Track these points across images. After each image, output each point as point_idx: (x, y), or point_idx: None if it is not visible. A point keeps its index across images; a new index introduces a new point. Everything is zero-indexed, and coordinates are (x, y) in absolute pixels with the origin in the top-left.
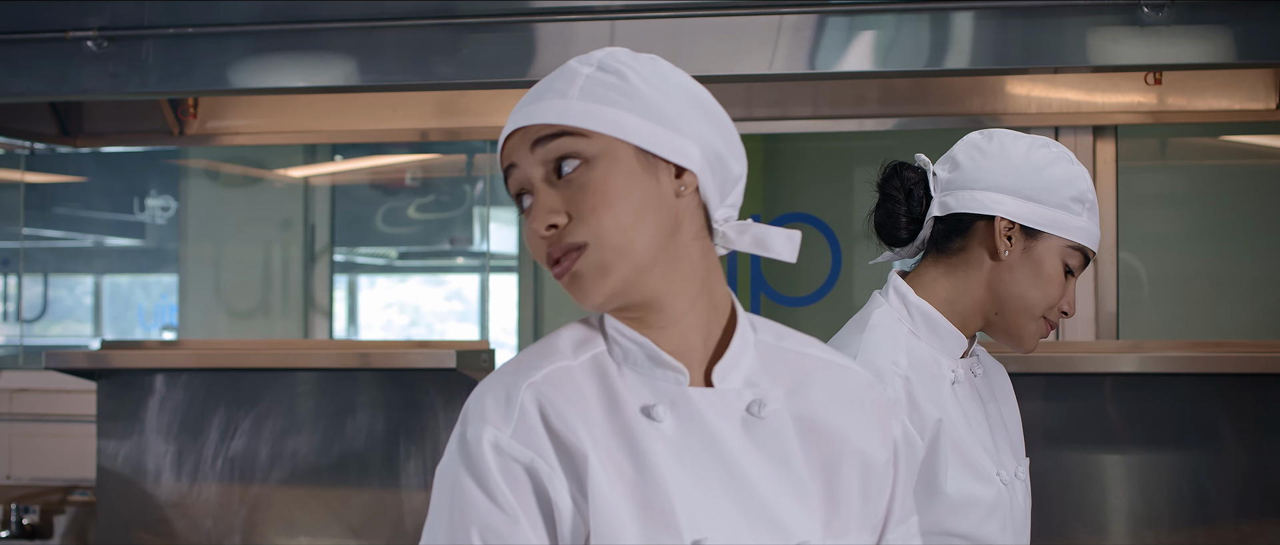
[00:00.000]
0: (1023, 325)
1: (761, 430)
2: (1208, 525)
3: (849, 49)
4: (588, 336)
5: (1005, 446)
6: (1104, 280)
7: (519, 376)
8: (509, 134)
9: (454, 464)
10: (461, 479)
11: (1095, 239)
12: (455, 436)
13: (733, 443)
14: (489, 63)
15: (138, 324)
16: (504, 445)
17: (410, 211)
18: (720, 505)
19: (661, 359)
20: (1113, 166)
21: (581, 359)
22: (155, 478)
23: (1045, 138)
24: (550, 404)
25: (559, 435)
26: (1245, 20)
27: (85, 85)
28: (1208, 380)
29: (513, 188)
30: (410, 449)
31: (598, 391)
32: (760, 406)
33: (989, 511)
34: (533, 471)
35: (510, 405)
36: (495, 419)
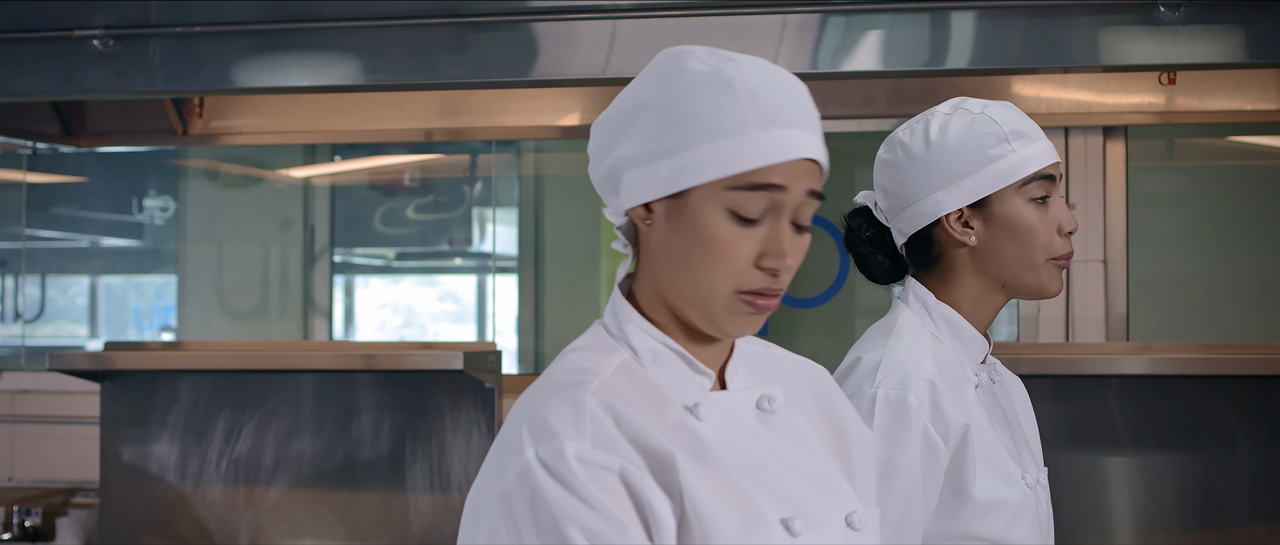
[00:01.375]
0: (1035, 282)
1: (776, 423)
2: (1220, 528)
3: (856, 48)
4: (606, 344)
5: (1026, 453)
6: (1114, 281)
7: (577, 388)
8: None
9: (527, 486)
10: (546, 495)
11: (1041, 157)
12: (514, 463)
13: (762, 434)
14: (495, 62)
15: (133, 325)
16: (588, 456)
17: (408, 212)
18: (784, 487)
19: (695, 365)
20: (1123, 167)
21: (612, 368)
22: (159, 479)
23: (933, 110)
24: (616, 410)
25: (638, 439)
26: (1262, 20)
27: (91, 84)
28: (1218, 382)
29: (758, 206)
30: (416, 451)
31: (640, 396)
32: (770, 402)
33: (1016, 515)
34: (625, 477)
35: (580, 415)
36: (568, 432)
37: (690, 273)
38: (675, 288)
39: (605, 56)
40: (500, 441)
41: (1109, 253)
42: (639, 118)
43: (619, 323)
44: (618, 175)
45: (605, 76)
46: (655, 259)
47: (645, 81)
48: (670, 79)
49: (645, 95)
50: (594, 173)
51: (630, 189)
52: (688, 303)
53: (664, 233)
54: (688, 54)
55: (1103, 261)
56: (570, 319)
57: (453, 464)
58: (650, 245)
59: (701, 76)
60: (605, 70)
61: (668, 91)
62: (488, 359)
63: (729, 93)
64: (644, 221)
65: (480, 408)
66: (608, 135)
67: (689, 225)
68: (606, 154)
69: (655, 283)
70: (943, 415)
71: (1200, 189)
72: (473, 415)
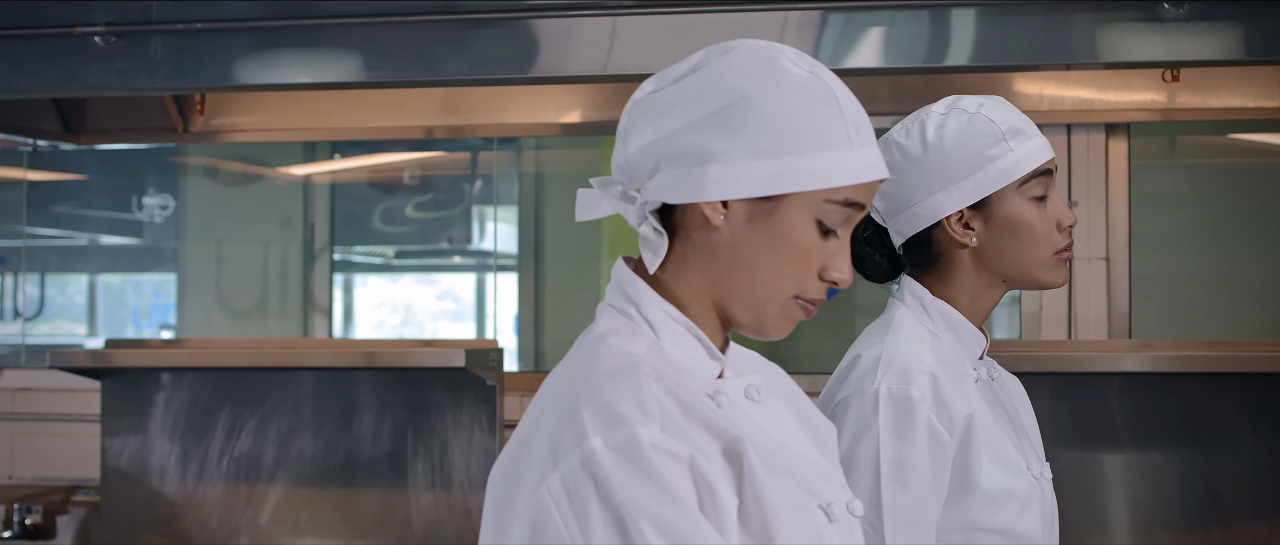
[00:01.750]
0: (1038, 276)
1: (765, 412)
2: (1222, 525)
3: (857, 45)
4: (627, 325)
5: (1028, 447)
6: (1116, 279)
7: (634, 371)
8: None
9: (591, 476)
10: (615, 486)
11: (1038, 154)
12: (574, 451)
13: (761, 422)
14: (495, 59)
15: (132, 323)
16: (660, 443)
17: (408, 210)
18: (803, 474)
19: (713, 350)
20: (1125, 165)
21: (643, 349)
22: (160, 477)
23: (928, 109)
24: (679, 394)
25: (709, 423)
26: (1266, 16)
27: (93, 81)
28: (1221, 379)
29: (840, 220)
30: (418, 449)
31: (673, 380)
32: (757, 391)
33: (1024, 504)
34: (694, 466)
35: (646, 400)
36: (637, 417)
37: (760, 273)
38: (732, 285)
39: (606, 53)
40: (547, 424)
41: (1111, 251)
42: (734, 112)
43: (634, 303)
44: (695, 163)
45: (606, 73)
46: (715, 254)
47: (735, 74)
48: (769, 78)
49: (740, 89)
50: (631, 151)
51: (717, 183)
52: (743, 302)
53: (741, 231)
54: (779, 53)
55: (1105, 259)
56: (570, 317)
57: (454, 462)
58: (709, 240)
59: (802, 82)
60: (606, 67)
61: (768, 91)
62: (490, 356)
63: (834, 104)
64: (716, 215)
65: (482, 405)
66: (671, 120)
67: (775, 229)
68: (667, 137)
69: (702, 276)
70: (946, 407)
71: (1203, 187)
72: (474, 413)
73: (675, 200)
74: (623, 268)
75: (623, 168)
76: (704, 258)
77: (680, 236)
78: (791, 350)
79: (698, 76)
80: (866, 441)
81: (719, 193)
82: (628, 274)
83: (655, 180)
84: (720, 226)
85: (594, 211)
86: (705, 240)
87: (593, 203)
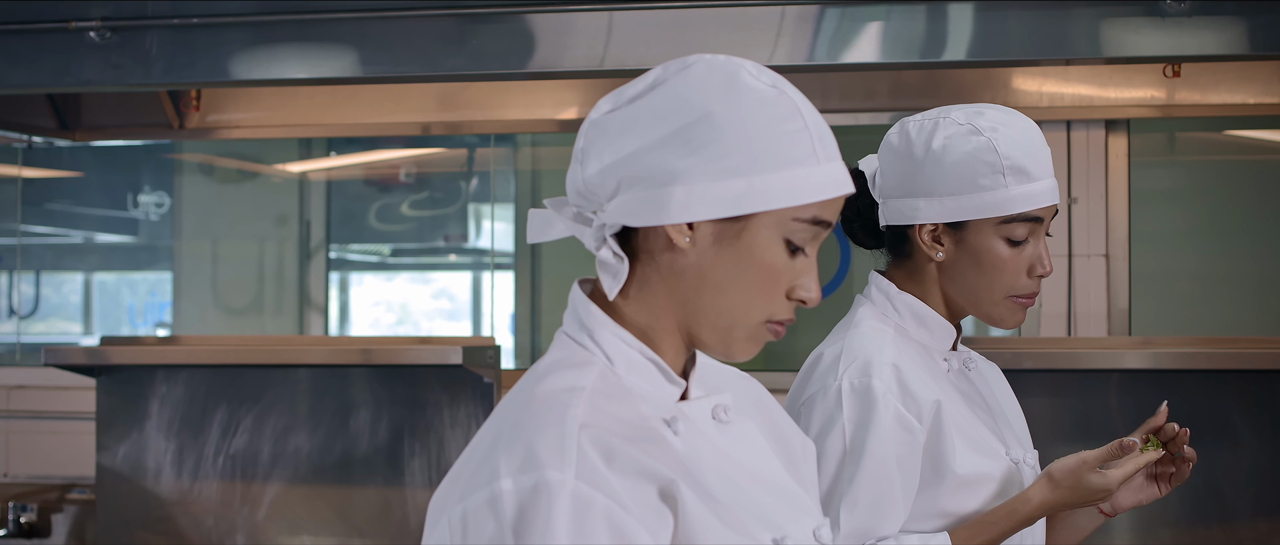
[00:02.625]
0: (989, 314)
1: (733, 433)
2: (1223, 523)
3: (855, 40)
4: (578, 355)
5: (1009, 434)
6: (1116, 276)
7: (563, 411)
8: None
9: (491, 519)
10: (510, 533)
11: (1032, 199)
12: (482, 490)
13: (724, 446)
14: (492, 54)
15: (128, 322)
16: (574, 490)
17: (404, 208)
18: (760, 504)
19: (671, 376)
20: (1125, 161)
21: (591, 380)
22: (156, 476)
23: (947, 109)
24: (606, 442)
25: (638, 467)
26: (1268, 11)
27: (88, 77)
28: (1221, 376)
29: (807, 237)
30: (414, 446)
31: (623, 412)
32: (725, 411)
33: (1003, 489)
34: (609, 517)
35: (566, 444)
36: (552, 461)
37: (728, 296)
38: (699, 308)
39: (602, 48)
40: (472, 456)
41: (1111, 247)
42: (696, 131)
43: (588, 330)
44: (658, 185)
45: (602, 68)
46: (680, 277)
47: (696, 91)
48: (731, 95)
49: (702, 107)
50: (589, 173)
51: (683, 204)
52: (711, 325)
53: (708, 253)
54: (740, 67)
55: (1105, 256)
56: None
57: (451, 459)
58: (674, 262)
59: (765, 97)
60: (603, 62)
61: (731, 108)
62: (486, 354)
63: (799, 119)
64: (681, 238)
65: (479, 403)
66: (631, 140)
67: (743, 250)
68: (628, 159)
69: (666, 299)
70: (912, 395)
71: (1203, 183)
72: (471, 410)
73: (637, 223)
74: (578, 294)
75: (580, 190)
76: (668, 281)
77: (641, 260)
78: (789, 347)
79: (657, 94)
80: (833, 436)
81: (684, 214)
82: (583, 300)
83: (615, 202)
84: (685, 249)
85: (547, 233)
86: (670, 263)
87: (545, 224)
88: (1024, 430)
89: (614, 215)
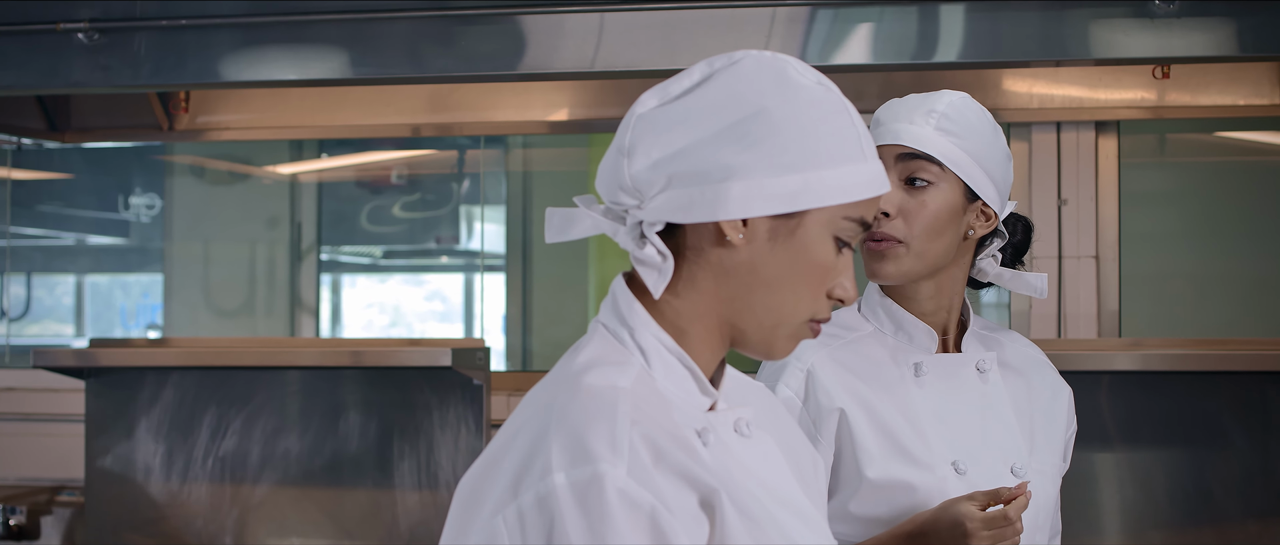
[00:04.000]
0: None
1: (752, 447)
2: (1212, 524)
3: (846, 41)
4: (618, 351)
5: (1003, 442)
6: (1106, 277)
7: (614, 406)
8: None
9: (547, 516)
10: (568, 530)
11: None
12: (537, 484)
13: (746, 460)
14: (482, 56)
15: (120, 324)
16: (624, 487)
17: (395, 210)
18: (779, 519)
19: (706, 386)
20: (1115, 162)
21: (630, 380)
22: (145, 478)
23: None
24: (654, 439)
25: (682, 471)
26: (1256, 14)
27: (76, 78)
28: (1211, 378)
29: (854, 235)
30: (404, 449)
31: (660, 416)
32: (747, 425)
33: (924, 498)
34: (655, 518)
35: (619, 439)
36: (606, 455)
37: (778, 294)
38: (747, 305)
39: (593, 50)
40: (518, 448)
41: (1101, 249)
42: (752, 126)
43: (628, 326)
44: (715, 180)
45: (593, 70)
46: (729, 274)
47: (747, 86)
48: (783, 90)
49: (756, 102)
50: (638, 168)
51: (741, 200)
52: (757, 323)
53: (762, 250)
54: (787, 64)
55: (1095, 258)
56: (558, 317)
57: (441, 461)
58: (724, 259)
59: (816, 94)
60: (593, 64)
61: (784, 103)
62: (476, 355)
63: (846, 116)
64: (736, 234)
65: (469, 405)
66: (683, 135)
67: (797, 247)
68: (680, 153)
69: (711, 297)
70: (816, 402)
71: (1192, 185)
72: (461, 412)
73: (689, 219)
74: (622, 287)
75: (624, 185)
76: (716, 278)
77: (687, 257)
78: None
79: (708, 89)
80: None
81: (742, 210)
82: (625, 294)
83: (663, 198)
84: (738, 245)
85: (568, 232)
86: (719, 260)
87: (567, 223)
88: (1043, 437)
89: (660, 211)
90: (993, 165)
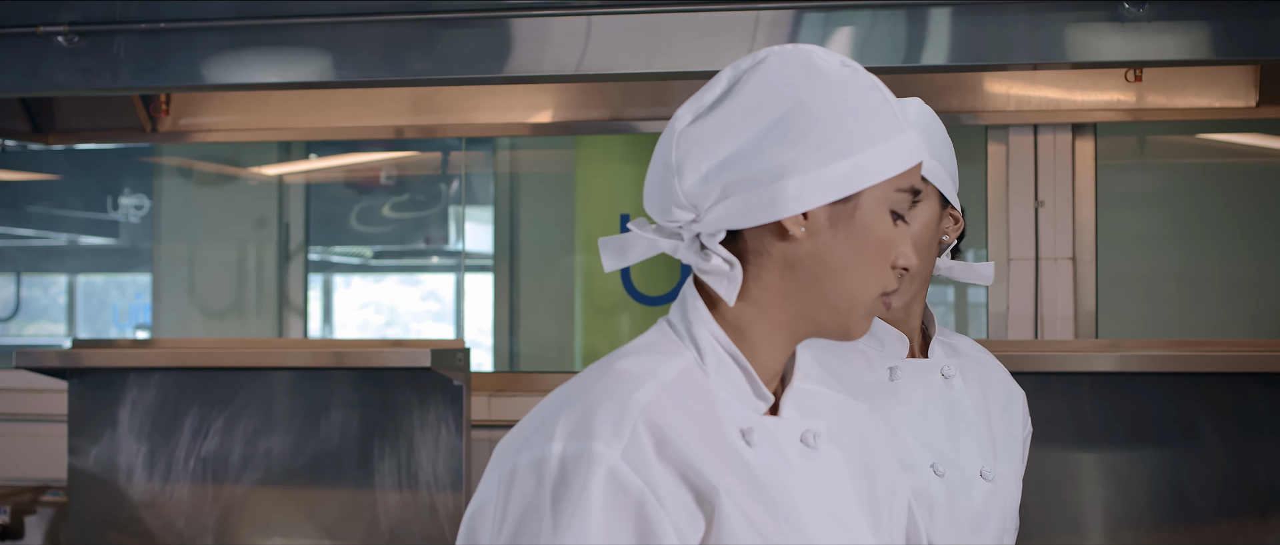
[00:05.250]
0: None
1: (816, 460)
2: (1188, 525)
3: (826, 45)
4: (672, 344)
5: (971, 446)
6: (1083, 279)
7: (631, 390)
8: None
9: (531, 480)
10: (541, 499)
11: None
12: (534, 448)
13: (800, 470)
14: (466, 59)
15: (112, 323)
16: (614, 468)
17: (385, 210)
18: (811, 531)
19: (759, 387)
20: (1092, 165)
21: (674, 371)
22: (127, 478)
23: None
24: (662, 429)
25: (681, 464)
26: (1227, 17)
27: (56, 81)
28: (1187, 379)
29: (907, 205)
30: (385, 449)
31: (697, 408)
32: (815, 437)
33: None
34: (642, 504)
35: (623, 421)
36: (604, 434)
37: (849, 276)
38: (819, 293)
39: (579, 53)
40: (539, 413)
41: (1078, 251)
42: (793, 121)
43: (689, 322)
44: (768, 181)
45: (579, 73)
46: (795, 267)
47: (778, 82)
48: (813, 80)
49: (792, 97)
50: (689, 184)
51: (798, 195)
52: (830, 308)
53: (825, 238)
54: (811, 53)
55: (1072, 259)
56: (545, 317)
57: (421, 462)
58: (788, 254)
59: (843, 77)
60: (579, 67)
61: (819, 93)
62: (456, 356)
63: (878, 93)
64: (798, 228)
65: (449, 405)
66: (727, 143)
67: (858, 228)
68: (729, 162)
69: (778, 294)
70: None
71: (1169, 187)
72: (441, 413)
73: (751, 223)
74: (691, 288)
75: (680, 202)
76: (783, 274)
77: (750, 259)
78: None
79: (740, 94)
80: None
81: (800, 204)
82: (693, 294)
83: (721, 207)
84: (801, 238)
85: (625, 258)
86: (784, 255)
87: (623, 248)
88: (1004, 438)
89: (721, 221)
90: (954, 167)
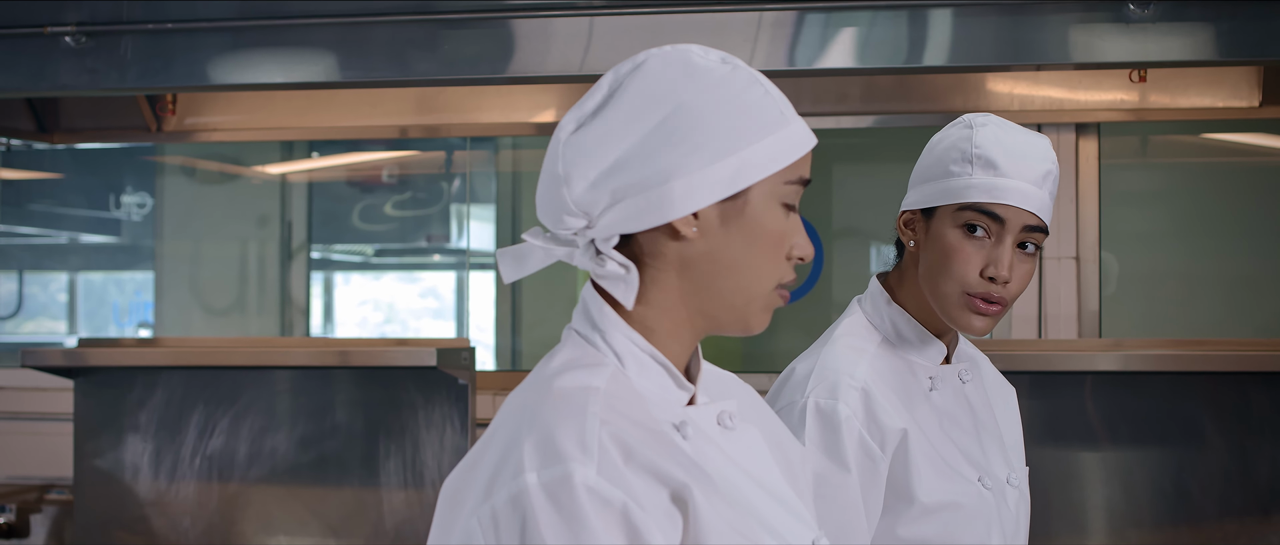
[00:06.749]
0: (947, 309)
1: (736, 440)
2: (1191, 524)
3: (830, 45)
4: (590, 355)
5: (995, 452)
6: (1086, 279)
7: (584, 407)
8: None
9: (519, 514)
10: (541, 528)
11: (994, 192)
12: (509, 484)
13: (731, 453)
14: (470, 59)
15: (113, 321)
16: (594, 485)
17: (387, 209)
18: (763, 512)
19: (680, 380)
20: (1095, 164)
21: (604, 380)
22: (133, 476)
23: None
24: (624, 438)
25: (652, 467)
26: (1231, 18)
27: (63, 81)
28: (1190, 378)
29: (796, 196)
30: (390, 447)
31: (636, 413)
32: (730, 418)
33: (969, 517)
34: (627, 513)
35: (588, 439)
36: (576, 455)
37: (743, 273)
38: (716, 291)
39: (582, 53)
40: (494, 450)
41: (1082, 250)
42: (675, 123)
43: (599, 330)
44: (654, 185)
45: (582, 73)
46: (689, 266)
47: (658, 85)
48: (692, 80)
49: (672, 99)
50: (578, 192)
51: (685, 196)
52: (727, 304)
53: (718, 237)
54: (689, 52)
55: (1075, 258)
56: (547, 316)
57: (426, 460)
58: (681, 254)
59: (725, 74)
60: (582, 67)
61: (698, 92)
62: (461, 355)
63: (759, 87)
64: (689, 229)
65: (454, 404)
66: (612, 149)
67: (749, 223)
68: (615, 168)
69: (675, 294)
70: (877, 422)
71: (1173, 186)
72: (446, 412)
73: (641, 227)
74: (592, 293)
75: (570, 210)
76: (679, 274)
77: (645, 262)
78: (767, 349)
79: (621, 99)
80: None
81: (689, 205)
82: (595, 299)
83: (612, 213)
84: (693, 238)
85: (523, 268)
86: (678, 256)
87: (520, 259)
88: (1018, 444)
89: (612, 226)
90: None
